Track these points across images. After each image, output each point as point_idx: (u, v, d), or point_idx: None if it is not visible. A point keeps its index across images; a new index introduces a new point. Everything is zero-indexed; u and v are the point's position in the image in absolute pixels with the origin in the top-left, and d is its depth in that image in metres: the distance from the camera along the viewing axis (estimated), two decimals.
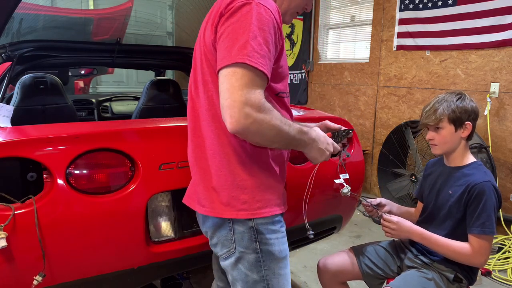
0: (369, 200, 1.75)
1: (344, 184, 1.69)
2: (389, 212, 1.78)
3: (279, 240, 1.21)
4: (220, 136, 1.17)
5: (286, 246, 1.25)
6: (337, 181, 1.75)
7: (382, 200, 1.77)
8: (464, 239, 1.50)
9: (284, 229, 1.25)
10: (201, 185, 1.22)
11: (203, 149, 1.21)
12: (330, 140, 1.27)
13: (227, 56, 1.04)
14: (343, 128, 1.43)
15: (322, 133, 1.24)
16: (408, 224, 1.57)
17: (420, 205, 1.80)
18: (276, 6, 1.13)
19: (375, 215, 1.74)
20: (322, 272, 1.78)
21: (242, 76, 1.02)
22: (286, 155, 1.31)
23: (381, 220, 1.62)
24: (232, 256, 1.19)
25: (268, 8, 1.08)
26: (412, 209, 1.84)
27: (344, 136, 1.42)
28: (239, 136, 1.08)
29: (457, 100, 1.54)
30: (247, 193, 1.16)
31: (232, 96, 1.01)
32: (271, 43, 1.07)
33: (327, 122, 1.45)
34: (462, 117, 1.53)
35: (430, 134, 1.59)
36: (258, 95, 1.03)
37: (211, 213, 1.20)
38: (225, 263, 1.22)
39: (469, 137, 1.58)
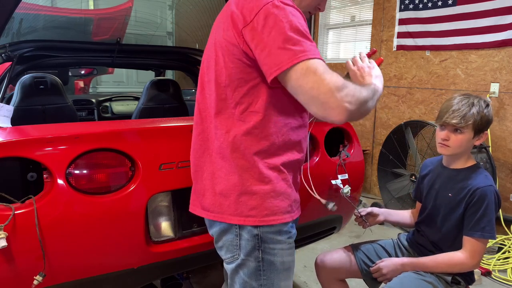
0: (360, 210, 1.74)
1: (341, 186, 1.69)
2: (385, 221, 1.78)
3: (283, 251, 1.18)
4: (229, 139, 1.14)
5: (291, 258, 1.22)
6: (333, 181, 1.74)
7: (374, 209, 1.76)
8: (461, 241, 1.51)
9: (291, 240, 1.22)
10: (209, 190, 1.19)
11: (212, 152, 1.18)
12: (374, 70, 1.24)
13: (286, 57, 1.01)
14: None
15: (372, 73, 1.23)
16: (394, 261, 1.59)
17: (419, 205, 1.79)
18: None
19: (364, 226, 1.74)
20: (319, 268, 1.78)
21: (315, 67, 1.00)
22: (301, 160, 1.27)
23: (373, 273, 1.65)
24: (235, 262, 1.18)
25: (293, 6, 1.08)
26: (408, 212, 1.84)
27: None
28: (350, 121, 1.07)
29: (485, 108, 1.48)
30: (256, 199, 1.13)
31: (321, 89, 0.99)
32: (310, 34, 1.08)
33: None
34: (484, 127, 1.49)
35: (446, 134, 1.51)
36: (336, 76, 1.02)
37: (218, 219, 1.17)
38: (227, 267, 1.22)
39: None
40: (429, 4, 3.78)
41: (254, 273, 1.17)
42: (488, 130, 3.24)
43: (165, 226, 1.58)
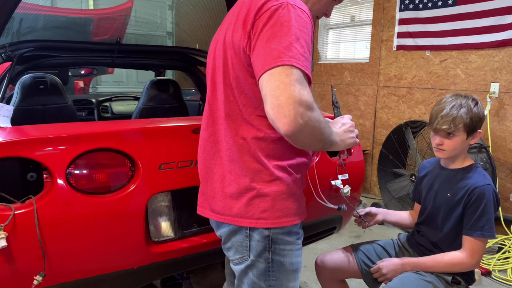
0: (359, 210, 1.75)
1: (341, 186, 1.69)
2: (384, 220, 1.78)
3: (292, 252, 1.18)
4: (239, 142, 1.13)
5: (300, 259, 1.22)
6: (333, 182, 1.74)
7: (372, 209, 1.76)
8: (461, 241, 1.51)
9: (300, 241, 1.22)
10: (219, 192, 1.18)
11: (223, 155, 1.17)
12: (346, 127, 1.22)
13: (271, 58, 0.99)
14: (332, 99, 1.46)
15: (336, 126, 1.21)
16: (394, 261, 1.59)
17: (417, 206, 1.79)
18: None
19: (364, 226, 1.74)
20: (319, 269, 1.78)
21: (292, 73, 0.97)
22: (308, 162, 1.26)
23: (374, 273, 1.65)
24: (244, 263, 1.17)
25: (304, 10, 1.05)
26: (407, 213, 1.84)
27: (335, 102, 1.43)
28: (289, 139, 1.01)
29: (474, 107, 1.48)
30: (268, 201, 1.12)
31: (285, 92, 0.95)
32: (310, 45, 1.04)
33: None
34: (476, 126, 1.50)
35: (440, 140, 1.52)
36: (309, 92, 0.98)
37: (229, 221, 1.16)
38: (235, 268, 1.21)
39: None
40: (429, 4, 3.78)
41: (264, 274, 1.16)
42: (488, 127, 3.28)
43: (165, 226, 1.58)
